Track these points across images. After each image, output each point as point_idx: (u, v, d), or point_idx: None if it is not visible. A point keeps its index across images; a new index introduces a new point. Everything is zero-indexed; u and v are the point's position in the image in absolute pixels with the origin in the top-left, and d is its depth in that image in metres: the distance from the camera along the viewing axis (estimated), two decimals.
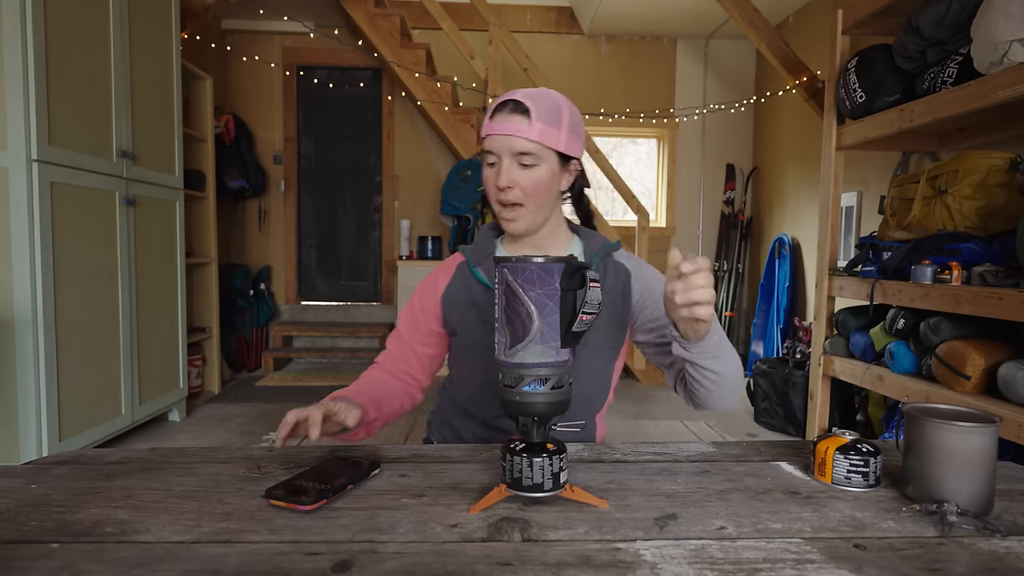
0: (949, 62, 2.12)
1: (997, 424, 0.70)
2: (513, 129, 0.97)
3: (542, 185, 1.00)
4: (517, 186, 0.99)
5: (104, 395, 2.58)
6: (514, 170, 0.99)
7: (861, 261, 2.64)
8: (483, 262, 1.09)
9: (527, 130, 0.97)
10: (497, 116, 1.00)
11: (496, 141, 0.99)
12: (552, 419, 0.73)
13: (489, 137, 1.00)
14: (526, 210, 1.01)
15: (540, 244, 1.09)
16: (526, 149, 0.98)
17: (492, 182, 1.01)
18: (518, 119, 0.98)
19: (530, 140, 0.97)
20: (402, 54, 4.16)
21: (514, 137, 0.97)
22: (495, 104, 1.02)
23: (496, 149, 1.00)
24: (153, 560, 0.58)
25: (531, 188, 1.00)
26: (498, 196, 1.01)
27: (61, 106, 2.30)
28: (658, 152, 5.35)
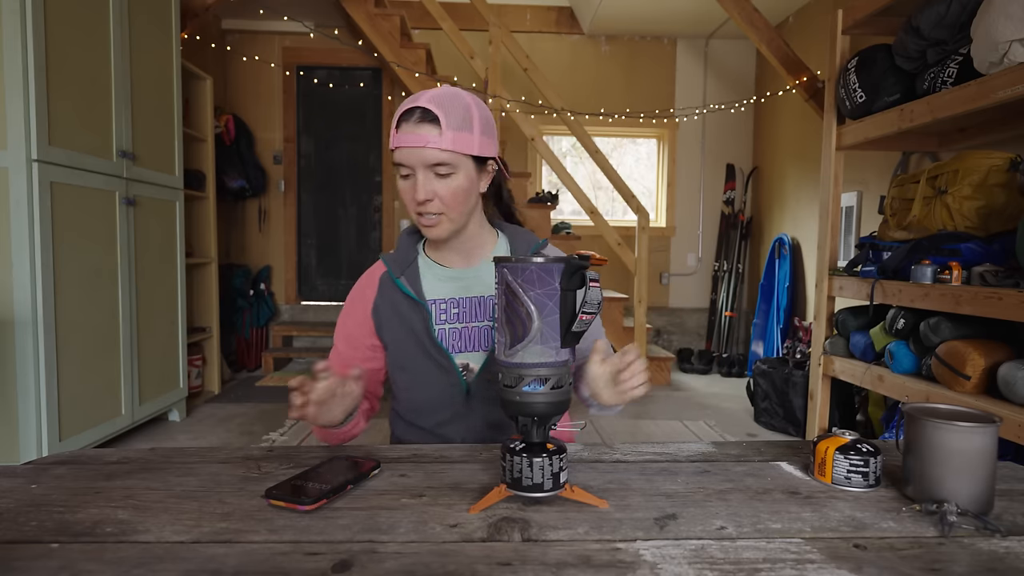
0: (949, 62, 2.12)
1: (997, 424, 0.70)
2: (424, 140, 0.93)
3: (460, 193, 0.98)
4: (436, 197, 0.97)
5: (104, 395, 2.58)
6: (431, 181, 0.96)
7: (861, 261, 2.64)
8: (405, 271, 1.06)
9: (439, 140, 0.93)
10: (404, 126, 0.95)
11: (407, 154, 0.95)
12: (552, 419, 0.73)
13: (399, 149, 0.95)
14: (447, 218, 0.99)
15: (464, 246, 1.07)
16: (440, 160, 0.94)
17: (409, 195, 0.98)
18: (428, 129, 0.93)
19: (443, 150, 0.93)
20: (402, 54, 4.16)
21: (426, 149, 0.93)
22: (400, 112, 0.96)
23: (408, 162, 0.95)
24: (153, 560, 0.58)
25: (450, 197, 0.97)
26: (417, 208, 0.98)
27: (61, 106, 2.30)
28: (658, 152, 5.35)
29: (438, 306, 1.06)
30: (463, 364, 1.05)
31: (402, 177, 0.99)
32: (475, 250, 1.08)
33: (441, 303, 1.06)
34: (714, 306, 5.14)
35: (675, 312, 5.27)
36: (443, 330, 1.05)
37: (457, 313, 1.05)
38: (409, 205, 1.00)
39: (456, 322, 1.05)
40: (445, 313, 1.06)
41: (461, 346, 1.05)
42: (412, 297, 1.04)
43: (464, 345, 1.05)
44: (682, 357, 4.85)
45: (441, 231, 1.00)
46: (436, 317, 1.05)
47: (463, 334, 1.05)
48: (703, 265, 5.25)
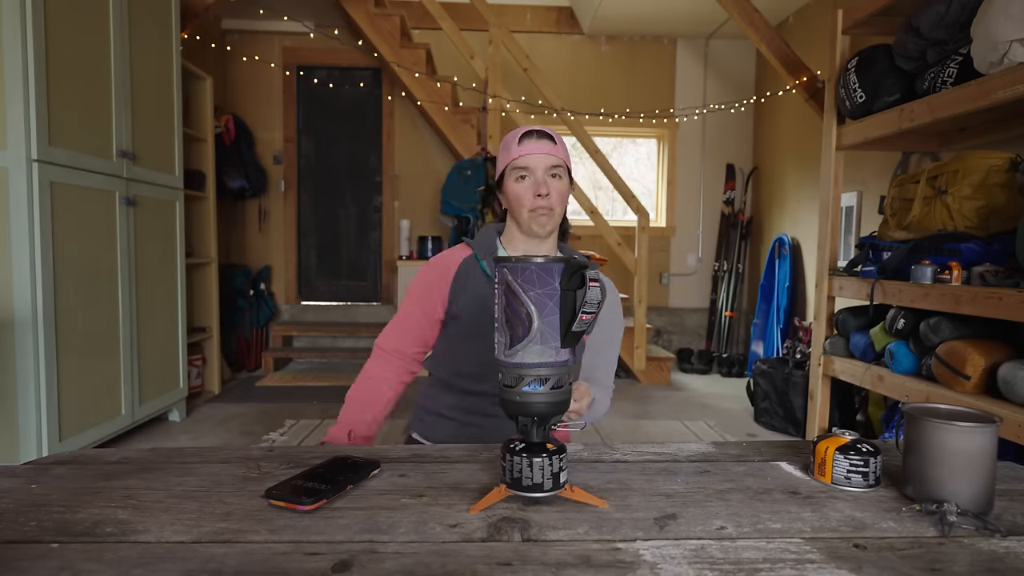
0: (949, 62, 2.12)
1: (997, 424, 0.70)
2: (546, 149, 1.20)
3: (566, 193, 1.24)
4: (552, 193, 1.20)
5: (104, 395, 2.58)
6: (548, 181, 1.20)
7: (861, 261, 2.64)
8: (487, 256, 1.26)
9: (556, 150, 1.21)
10: (527, 141, 1.21)
11: (533, 159, 1.20)
12: (552, 419, 0.73)
13: (524, 156, 1.20)
14: (554, 213, 1.22)
15: (545, 247, 1.27)
16: (557, 163, 1.21)
17: (529, 192, 1.20)
18: (547, 143, 1.20)
19: (559, 156, 1.21)
20: (402, 54, 4.16)
21: (548, 155, 1.20)
22: (522, 133, 1.22)
23: (532, 165, 1.20)
24: (153, 560, 0.58)
25: (561, 195, 1.22)
26: (535, 204, 1.20)
27: (61, 106, 2.30)
28: (658, 152, 5.35)
29: None
30: None
31: (518, 180, 1.22)
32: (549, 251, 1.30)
33: None
34: (714, 306, 5.14)
35: (675, 312, 5.27)
36: None
37: None
38: (525, 202, 1.21)
39: None
40: None
41: None
42: (491, 276, 1.22)
43: None
44: (682, 357, 4.85)
45: (550, 225, 1.23)
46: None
47: None
48: (703, 265, 5.25)
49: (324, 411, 3.41)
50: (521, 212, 1.23)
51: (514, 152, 1.21)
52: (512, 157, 1.22)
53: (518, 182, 1.22)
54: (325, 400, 3.63)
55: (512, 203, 1.24)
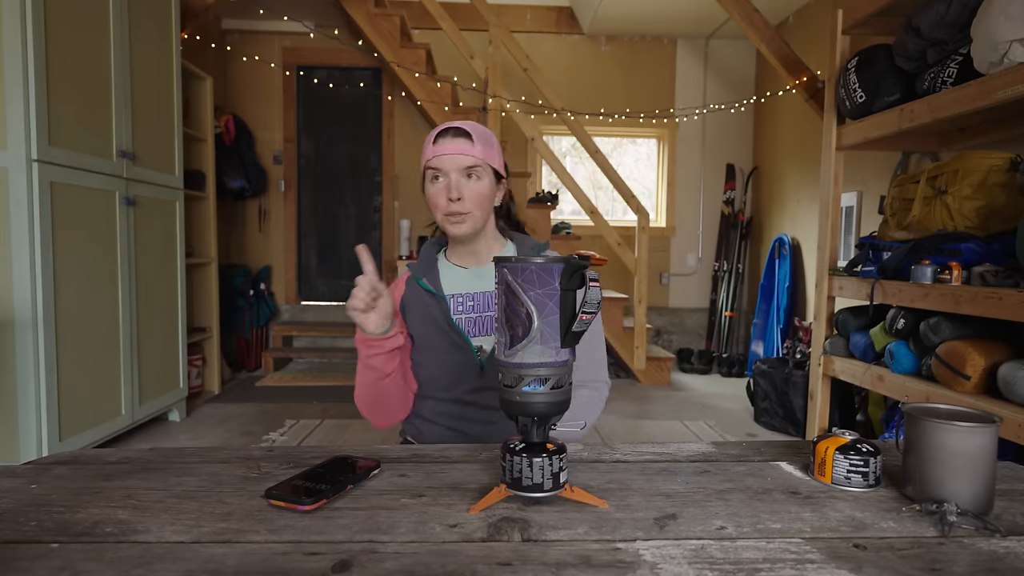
0: (949, 62, 2.12)
1: (997, 424, 0.70)
2: (460, 149, 1.15)
3: (485, 194, 1.18)
4: (464, 197, 1.16)
5: (104, 395, 2.58)
6: (462, 182, 1.16)
7: (861, 261, 2.64)
8: (427, 274, 1.25)
9: (471, 149, 1.16)
10: (441, 140, 1.17)
11: (445, 160, 1.16)
12: (552, 419, 0.73)
13: (438, 157, 1.16)
14: (471, 216, 1.17)
15: (478, 248, 1.25)
16: (472, 164, 1.16)
17: (442, 195, 1.16)
18: (462, 141, 1.16)
19: (475, 156, 1.16)
20: (402, 54, 4.16)
21: (461, 155, 1.15)
22: (437, 132, 1.18)
23: (445, 167, 1.16)
24: (153, 560, 0.58)
25: (476, 197, 1.17)
26: (448, 208, 1.16)
27: (61, 106, 2.30)
28: (658, 152, 5.35)
29: (456, 299, 1.23)
30: (478, 346, 1.21)
31: (433, 181, 1.18)
32: (486, 252, 1.26)
33: (458, 297, 1.23)
34: (714, 306, 5.14)
35: (675, 312, 5.27)
36: (460, 319, 1.22)
37: (472, 305, 1.23)
38: (440, 206, 1.17)
39: (471, 312, 1.22)
40: (462, 305, 1.23)
41: (476, 331, 1.22)
42: (433, 292, 1.22)
43: (479, 331, 1.22)
44: (682, 357, 4.85)
45: (466, 227, 1.18)
46: (454, 308, 1.22)
47: (477, 322, 1.23)
48: (703, 265, 5.25)
49: (324, 411, 3.41)
50: (436, 215, 1.20)
51: (428, 152, 1.18)
52: (427, 158, 1.18)
53: (432, 183, 1.18)
54: (325, 400, 3.63)
55: (429, 207, 1.20)
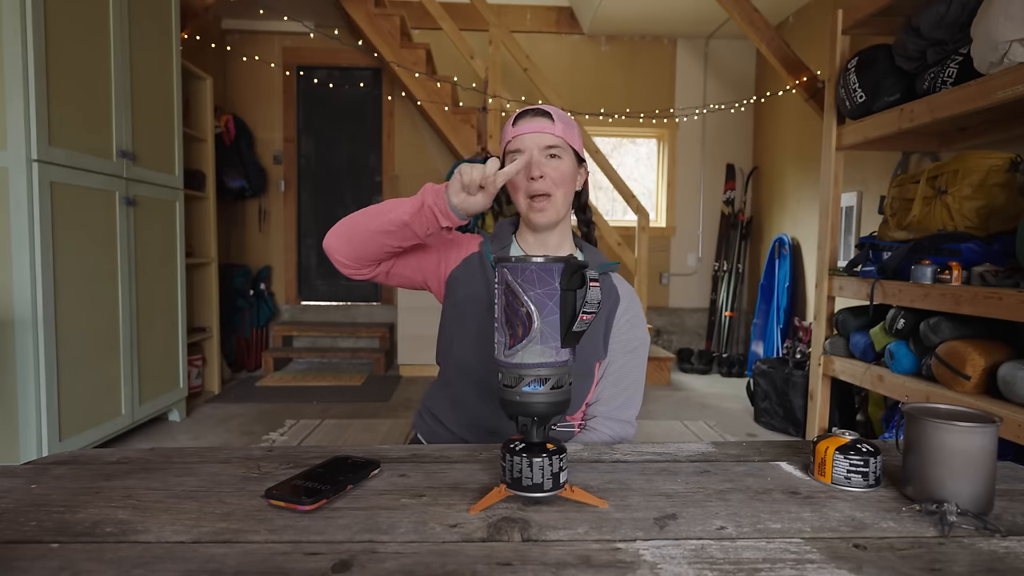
0: (949, 62, 2.12)
1: (997, 424, 0.70)
2: (540, 127, 1.10)
3: (568, 175, 1.12)
4: (547, 176, 1.10)
5: (104, 395, 2.58)
6: (544, 162, 1.10)
7: (861, 261, 2.64)
8: (499, 251, 1.19)
9: (552, 128, 1.10)
10: (521, 121, 1.12)
11: (526, 139, 1.10)
12: (552, 419, 0.73)
13: (518, 136, 1.11)
14: (553, 200, 1.11)
15: (550, 244, 1.18)
16: (553, 143, 1.10)
17: (523, 175, 1.11)
18: (542, 120, 1.11)
19: (556, 135, 1.10)
20: (402, 54, 4.16)
21: (542, 133, 1.10)
22: (517, 114, 1.14)
23: (525, 146, 1.10)
24: (153, 560, 0.58)
25: (559, 177, 1.11)
26: (530, 188, 1.10)
27: (61, 106, 2.30)
28: (658, 152, 5.35)
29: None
30: None
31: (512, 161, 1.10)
32: (556, 249, 1.20)
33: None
34: (714, 306, 5.14)
35: (675, 312, 5.27)
36: None
37: None
38: (521, 186, 1.12)
39: None
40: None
41: None
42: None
43: None
44: (682, 357, 4.85)
45: (549, 214, 1.12)
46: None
47: None
48: (703, 265, 5.25)
49: (324, 411, 3.41)
50: (518, 200, 1.14)
51: (508, 135, 1.13)
52: (507, 140, 1.13)
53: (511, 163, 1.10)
54: (325, 400, 3.63)
55: (511, 191, 1.15)
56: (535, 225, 1.14)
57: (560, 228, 1.17)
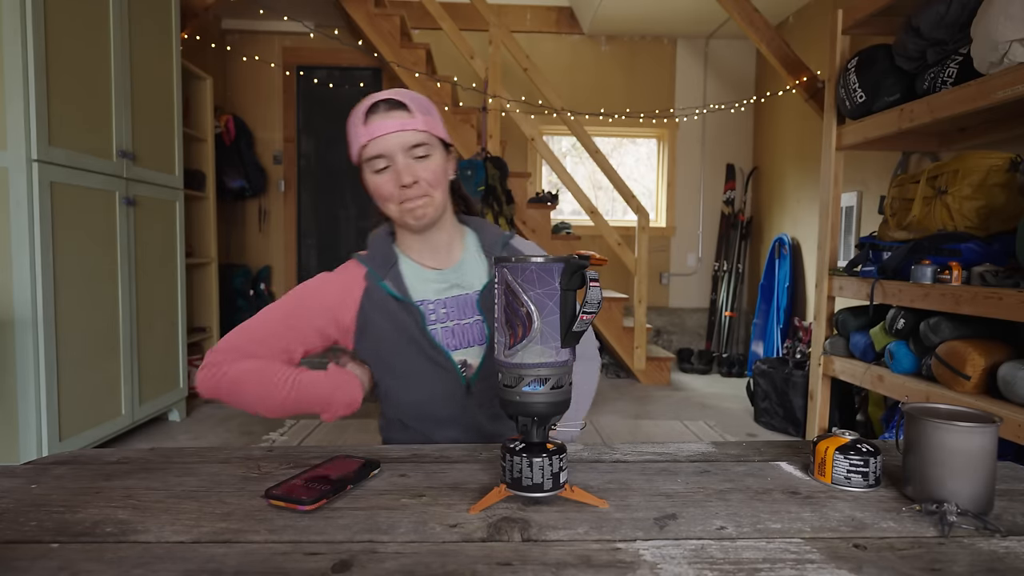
0: (949, 62, 2.12)
1: (997, 424, 0.70)
2: (400, 124, 0.96)
3: (441, 172, 1.01)
4: (420, 179, 0.98)
5: (104, 395, 2.58)
6: (412, 164, 0.98)
7: (861, 261, 2.64)
8: (389, 275, 1.04)
9: (413, 122, 0.97)
10: (374, 118, 0.97)
11: (385, 141, 0.96)
12: (552, 419, 0.73)
13: (374, 140, 0.96)
14: (431, 200, 1.00)
15: (440, 242, 1.07)
16: (419, 140, 0.97)
17: (391, 184, 0.98)
18: (399, 114, 0.97)
19: (419, 130, 0.97)
20: (402, 54, 4.16)
21: (403, 131, 0.96)
22: (366, 107, 0.97)
23: (387, 150, 0.97)
24: (153, 560, 0.58)
25: (433, 178, 0.99)
26: (403, 196, 0.99)
27: (61, 106, 2.30)
28: (658, 152, 5.35)
29: (427, 307, 1.04)
30: (461, 361, 1.04)
31: (377, 172, 0.99)
32: (447, 247, 1.09)
33: (429, 304, 1.05)
34: (714, 306, 5.14)
35: (675, 312, 5.27)
36: (435, 330, 1.04)
37: (446, 313, 1.05)
38: (390, 197, 0.99)
39: (447, 321, 1.05)
40: (434, 313, 1.05)
41: (456, 344, 1.05)
42: (401, 299, 1.03)
43: (459, 342, 1.05)
44: (682, 357, 4.85)
45: (428, 215, 1.00)
46: (427, 317, 1.04)
47: (455, 332, 1.05)
48: (703, 265, 5.25)
49: None
50: (389, 209, 1.01)
51: (362, 136, 0.97)
52: (361, 143, 0.98)
53: (375, 174, 0.99)
54: None
55: (375, 199, 1.02)
56: (415, 227, 1.02)
57: (444, 224, 1.07)
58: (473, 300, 1.07)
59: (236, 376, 0.97)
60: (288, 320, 1.03)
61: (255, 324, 1.03)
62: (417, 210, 1.00)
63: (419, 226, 1.01)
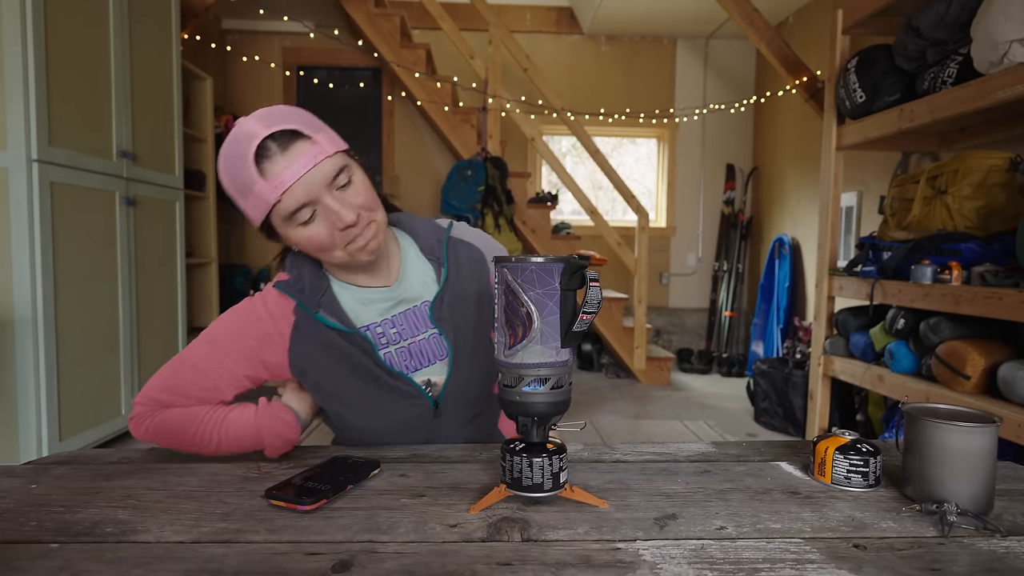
0: (949, 62, 2.12)
1: (997, 424, 0.70)
2: (307, 159, 0.79)
3: (371, 189, 0.86)
4: (358, 210, 0.83)
5: (104, 395, 2.58)
6: (342, 198, 0.82)
7: (861, 261, 2.64)
8: (323, 304, 0.90)
9: (321, 148, 0.80)
10: (270, 164, 0.78)
11: (303, 187, 0.79)
12: (552, 419, 0.73)
13: (290, 191, 0.78)
14: (377, 223, 0.86)
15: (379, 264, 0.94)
16: (335, 165, 0.81)
17: (328, 230, 0.82)
18: (301, 147, 0.79)
19: (329, 154, 0.80)
20: (402, 54, 4.16)
21: (315, 166, 0.79)
22: (252, 153, 0.78)
23: (310, 196, 0.79)
24: (153, 560, 0.58)
25: (369, 199, 0.84)
26: (347, 237, 0.83)
27: (61, 106, 2.30)
28: (658, 152, 5.36)
29: (374, 332, 0.93)
30: (424, 381, 0.94)
31: (303, 225, 0.81)
32: (388, 258, 0.95)
33: (376, 327, 0.93)
34: (714, 306, 5.14)
35: (675, 312, 5.27)
36: (388, 354, 0.93)
37: (397, 333, 0.94)
38: (331, 245, 0.83)
39: (400, 341, 0.93)
40: (384, 336, 0.93)
41: (415, 364, 0.94)
42: (343, 330, 0.89)
43: (417, 363, 0.94)
44: (682, 357, 4.85)
45: (380, 240, 0.87)
46: (376, 343, 0.92)
47: (412, 351, 0.94)
48: (703, 265, 5.25)
49: None
50: (333, 257, 0.85)
51: (267, 191, 0.79)
52: (269, 202, 0.79)
53: (304, 227, 0.82)
54: None
55: (309, 252, 0.86)
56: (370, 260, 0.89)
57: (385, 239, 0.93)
58: (424, 313, 0.95)
59: (160, 426, 0.87)
60: (205, 369, 0.89)
61: (169, 375, 0.90)
62: (369, 244, 0.85)
63: (374, 258, 0.88)
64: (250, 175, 0.79)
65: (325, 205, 0.81)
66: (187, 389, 0.89)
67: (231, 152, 0.80)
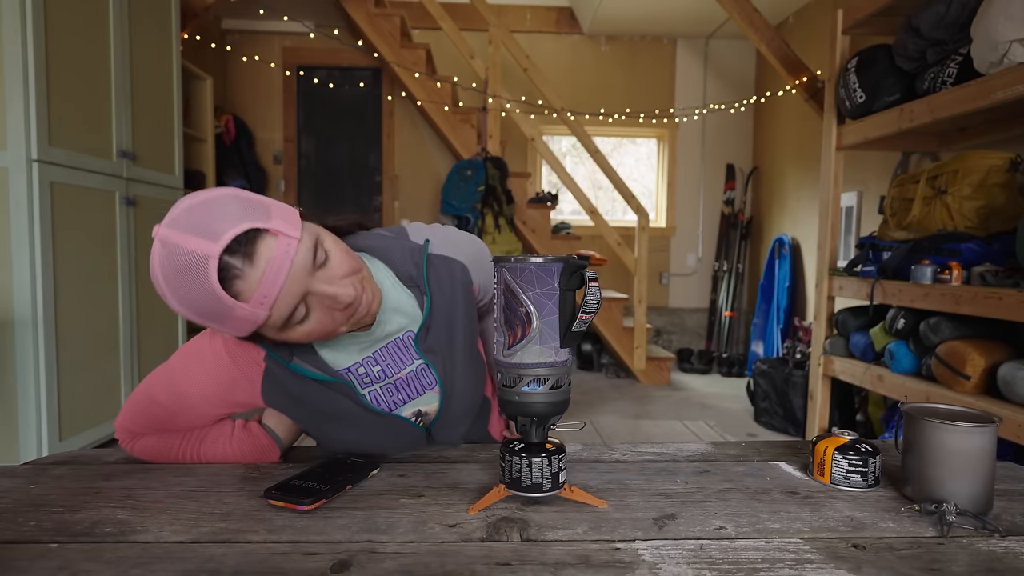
0: (949, 62, 2.12)
1: (997, 424, 0.70)
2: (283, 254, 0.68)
3: (348, 251, 0.77)
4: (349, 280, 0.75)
5: (104, 395, 2.58)
6: (331, 281, 0.74)
7: (861, 261, 2.64)
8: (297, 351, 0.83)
9: (286, 241, 0.69)
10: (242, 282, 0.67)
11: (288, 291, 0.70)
12: (551, 419, 0.73)
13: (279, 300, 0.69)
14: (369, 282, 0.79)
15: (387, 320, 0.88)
16: (310, 248, 0.72)
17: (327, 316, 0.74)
18: (267, 242, 0.68)
19: (297, 237, 0.70)
20: (402, 54, 4.16)
21: (292, 262, 0.69)
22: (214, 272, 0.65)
23: (299, 295, 0.71)
24: (152, 560, 0.58)
25: (353, 264, 0.77)
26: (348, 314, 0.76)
27: (61, 106, 2.30)
28: (658, 152, 5.36)
29: (356, 373, 0.86)
30: (414, 413, 0.89)
31: (301, 323, 0.73)
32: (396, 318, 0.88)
33: (358, 367, 0.86)
34: (714, 306, 5.14)
35: (675, 312, 5.27)
36: (373, 392, 0.87)
37: (381, 370, 0.87)
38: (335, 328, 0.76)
39: (383, 379, 0.87)
40: (367, 375, 0.87)
41: (403, 398, 0.89)
42: (321, 378, 0.82)
43: (406, 396, 0.89)
44: (682, 357, 4.85)
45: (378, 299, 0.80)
46: (359, 385, 0.86)
47: (399, 386, 0.88)
48: (703, 265, 5.25)
49: None
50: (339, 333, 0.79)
51: (250, 315, 0.69)
52: (257, 322, 0.70)
53: (302, 324, 0.74)
54: None
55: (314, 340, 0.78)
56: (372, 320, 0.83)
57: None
58: (408, 343, 0.88)
59: (142, 451, 0.86)
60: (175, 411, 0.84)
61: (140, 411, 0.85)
62: (372, 307, 0.79)
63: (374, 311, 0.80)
64: (221, 304, 0.67)
65: (317, 294, 0.73)
66: (161, 423, 0.85)
67: (183, 284, 0.66)
